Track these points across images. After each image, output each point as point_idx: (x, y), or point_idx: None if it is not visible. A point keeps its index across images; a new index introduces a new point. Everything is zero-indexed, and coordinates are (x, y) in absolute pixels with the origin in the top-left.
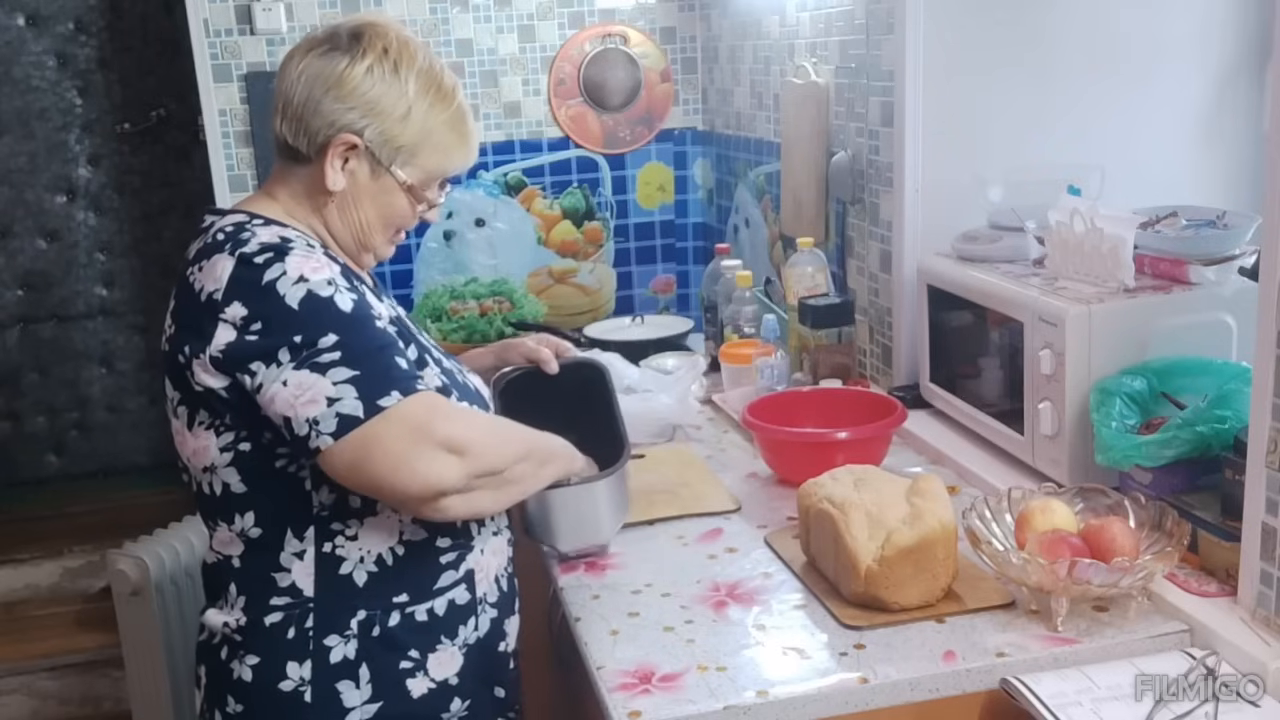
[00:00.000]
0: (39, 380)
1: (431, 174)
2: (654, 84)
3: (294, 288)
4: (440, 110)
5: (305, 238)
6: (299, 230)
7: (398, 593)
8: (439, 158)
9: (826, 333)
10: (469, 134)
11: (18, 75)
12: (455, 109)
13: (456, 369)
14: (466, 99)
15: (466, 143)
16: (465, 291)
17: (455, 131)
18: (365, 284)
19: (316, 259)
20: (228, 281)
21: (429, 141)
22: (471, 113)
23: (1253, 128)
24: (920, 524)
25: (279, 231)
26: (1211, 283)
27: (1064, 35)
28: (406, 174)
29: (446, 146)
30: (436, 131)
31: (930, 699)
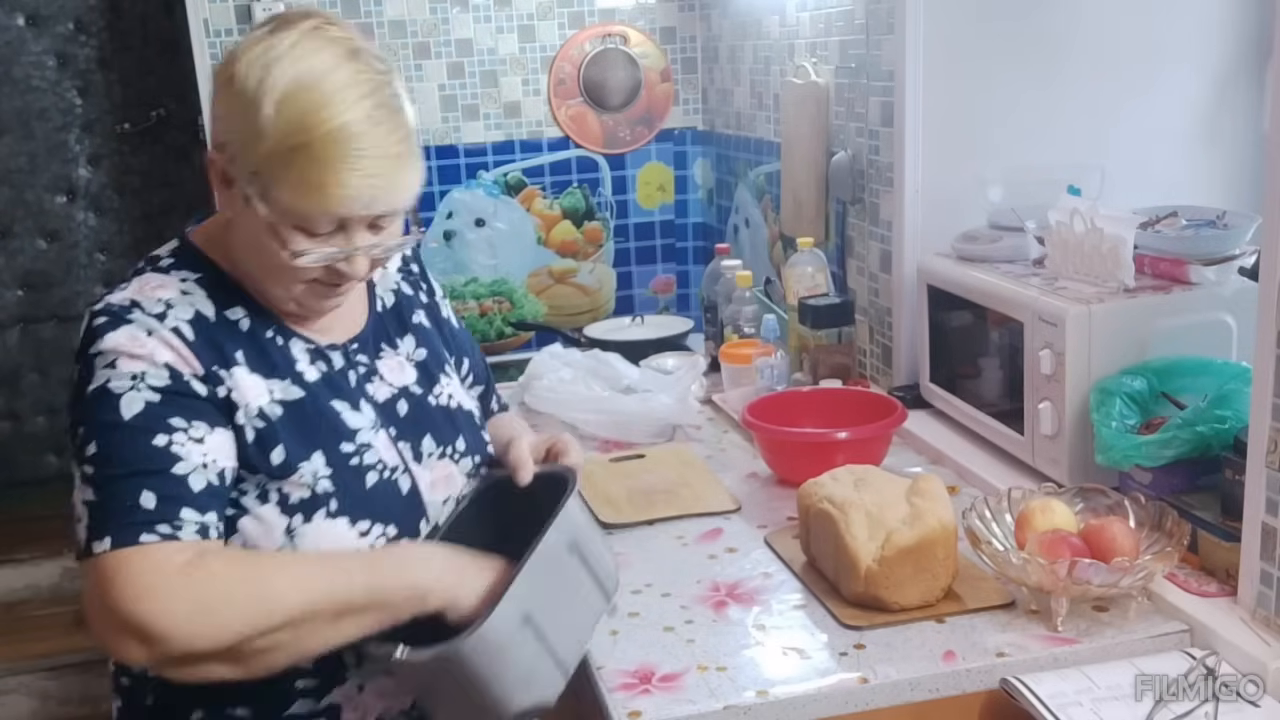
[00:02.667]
0: (39, 380)
1: (289, 214)
2: (654, 84)
3: (100, 371)
4: (299, 135)
5: (187, 289)
6: (210, 266)
7: (237, 703)
8: (293, 196)
9: (826, 333)
10: (337, 171)
11: (18, 75)
12: (323, 137)
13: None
14: (371, 124)
15: (329, 183)
16: (465, 291)
17: (316, 165)
18: (295, 338)
19: (142, 343)
20: (80, 335)
21: (285, 174)
22: (360, 144)
23: (1253, 128)
24: (920, 524)
25: (154, 285)
26: (1211, 283)
27: (1064, 35)
28: (263, 208)
29: (303, 184)
30: (295, 163)
31: (930, 699)
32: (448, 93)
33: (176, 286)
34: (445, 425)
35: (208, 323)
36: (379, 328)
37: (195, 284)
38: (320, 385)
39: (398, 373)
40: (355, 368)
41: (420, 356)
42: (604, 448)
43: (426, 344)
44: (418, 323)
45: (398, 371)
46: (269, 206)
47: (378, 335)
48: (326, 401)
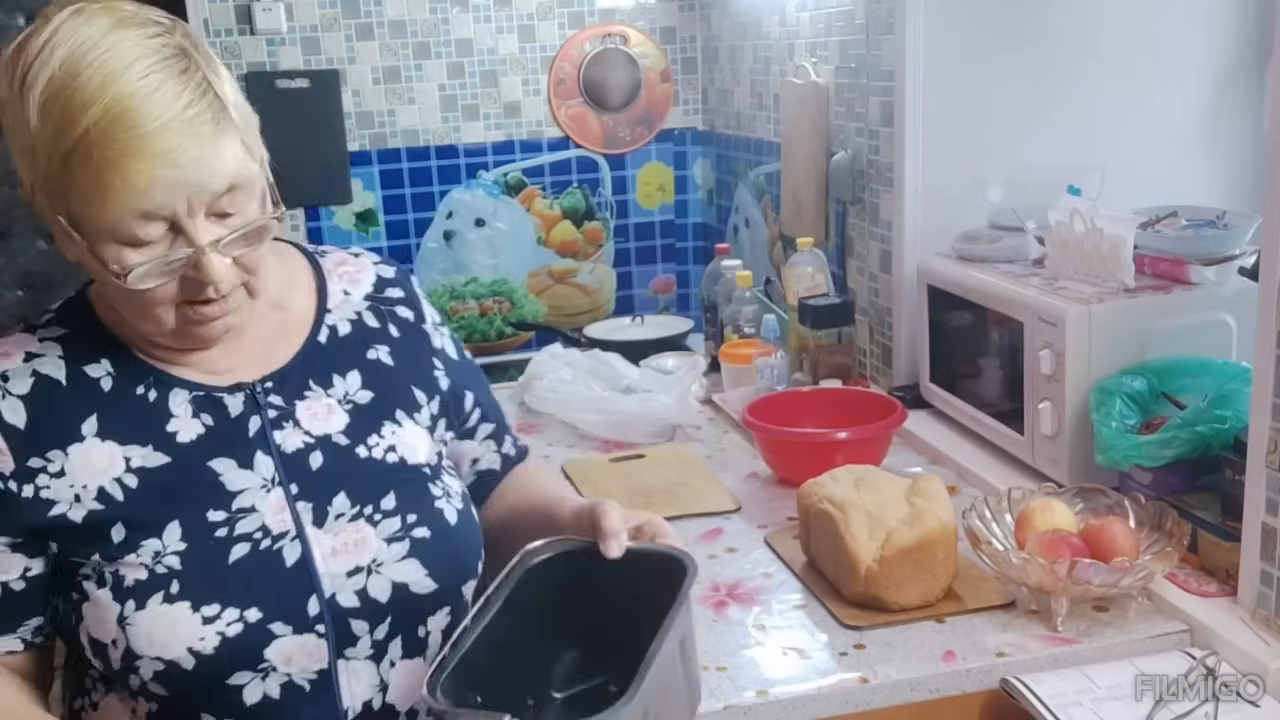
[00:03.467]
0: None
1: (98, 231)
2: (654, 84)
3: None
4: (65, 139)
5: (41, 351)
6: (89, 319)
7: None
8: (86, 209)
9: (826, 333)
10: (116, 164)
11: None
12: (89, 130)
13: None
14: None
15: (113, 181)
16: (465, 291)
17: (92, 166)
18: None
19: None
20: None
21: (71, 187)
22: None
23: (1253, 128)
24: (920, 524)
25: (16, 346)
26: (1211, 283)
27: (1064, 35)
28: (74, 233)
29: (90, 192)
30: (73, 172)
31: (930, 699)
32: (448, 93)
33: (27, 350)
34: (370, 481)
35: (52, 391)
36: (311, 362)
37: (56, 342)
38: (199, 443)
39: (321, 418)
40: (261, 412)
41: (362, 399)
42: (604, 448)
43: (378, 384)
44: (372, 359)
45: (321, 417)
46: (77, 229)
47: (306, 371)
48: (203, 461)
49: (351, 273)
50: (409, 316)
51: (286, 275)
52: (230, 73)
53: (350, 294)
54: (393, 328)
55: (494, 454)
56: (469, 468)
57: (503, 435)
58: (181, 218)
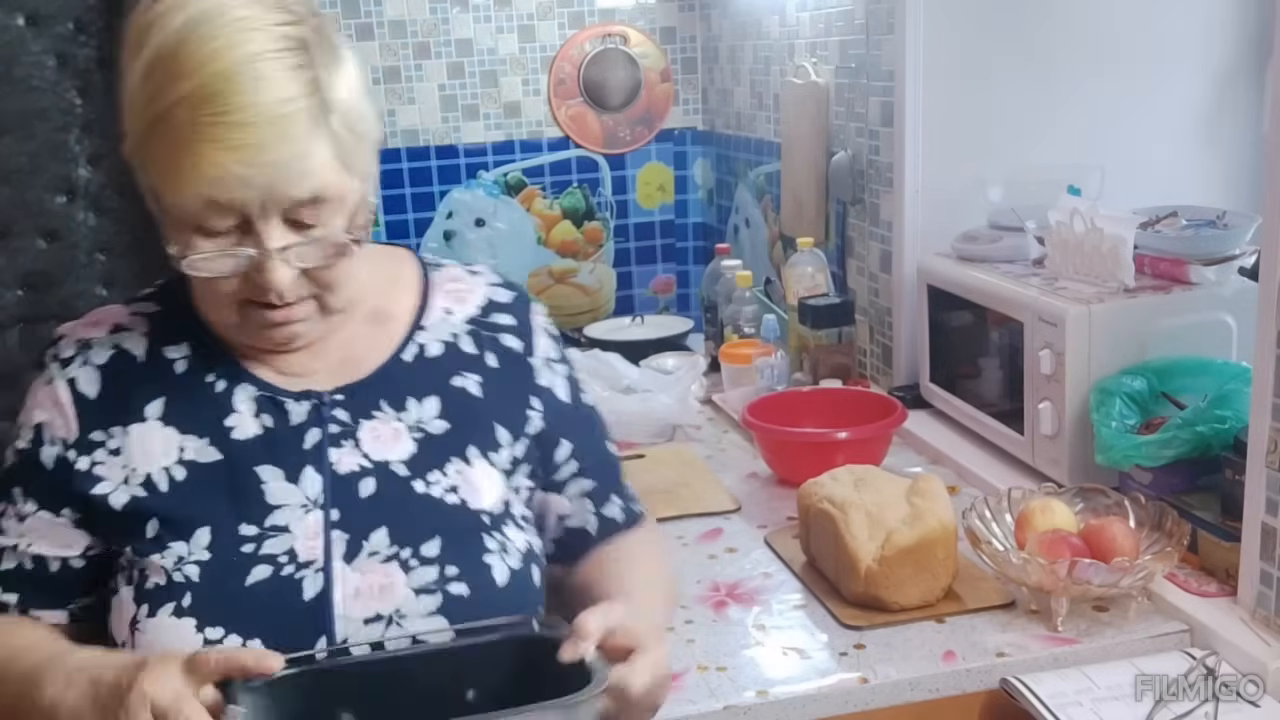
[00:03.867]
0: None
1: (171, 209)
2: (654, 84)
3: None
4: (156, 105)
5: (130, 325)
6: (183, 298)
7: None
8: (161, 183)
9: (826, 333)
10: (190, 143)
11: (18, 75)
12: (177, 102)
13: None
14: (241, 80)
15: (183, 161)
16: None
17: (170, 140)
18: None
19: (35, 392)
20: None
21: (152, 159)
22: (220, 107)
23: (1253, 128)
24: (920, 524)
25: (97, 319)
26: (1211, 283)
27: (1064, 35)
28: (155, 207)
29: (165, 167)
30: (155, 141)
31: (930, 699)
32: (448, 93)
33: (116, 322)
34: (418, 521)
35: (128, 367)
36: (388, 380)
37: (146, 318)
38: (253, 444)
39: (386, 443)
40: (323, 425)
41: (435, 428)
42: None
43: (456, 415)
44: (457, 387)
45: (387, 441)
46: (156, 201)
47: (381, 389)
48: (252, 465)
49: (460, 291)
50: (515, 347)
51: (391, 284)
52: (363, 85)
53: (452, 314)
54: (491, 356)
55: (590, 514)
56: (555, 523)
57: (606, 496)
58: (253, 216)
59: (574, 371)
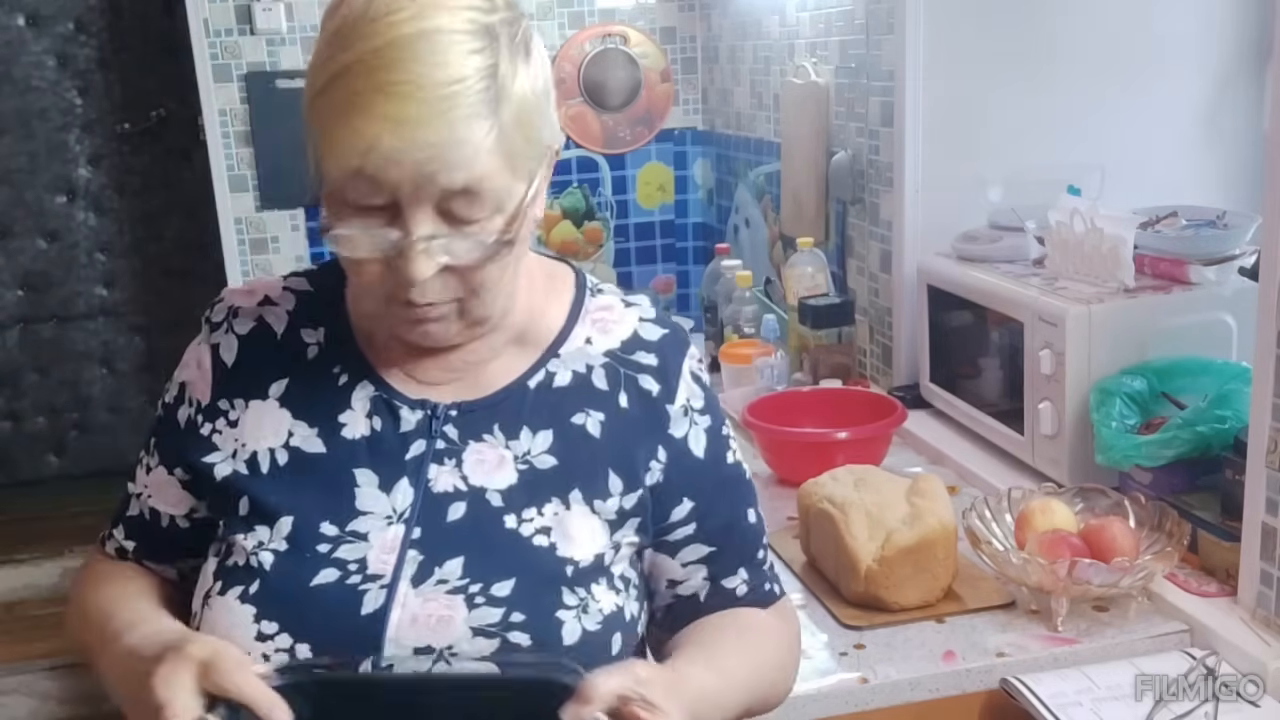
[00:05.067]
0: (39, 380)
1: (325, 179)
2: (654, 84)
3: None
4: (326, 72)
5: (279, 300)
6: (338, 281)
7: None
8: (322, 151)
9: (826, 333)
10: (349, 112)
11: (18, 75)
12: (343, 70)
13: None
14: (412, 56)
15: (341, 130)
16: None
17: (334, 108)
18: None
19: (189, 351)
20: None
21: (317, 125)
22: (385, 78)
23: (1253, 128)
24: (920, 524)
25: (255, 287)
26: (1211, 283)
27: (1064, 35)
28: (316, 165)
29: (326, 134)
30: (321, 108)
31: (930, 699)
32: None
33: (269, 293)
34: (498, 558)
35: (264, 342)
36: (507, 405)
37: (295, 295)
38: (358, 445)
39: (489, 469)
40: (432, 438)
41: (541, 463)
42: None
43: (568, 454)
44: (577, 424)
45: (490, 468)
46: (317, 171)
47: (498, 412)
48: (351, 467)
49: (607, 321)
50: (652, 389)
51: (544, 304)
52: (547, 92)
53: (592, 343)
54: (624, 397)
55: (704, 582)
56: (665, 588)
57: (732, 568)
58: (403, 199)
59: (724, 427)
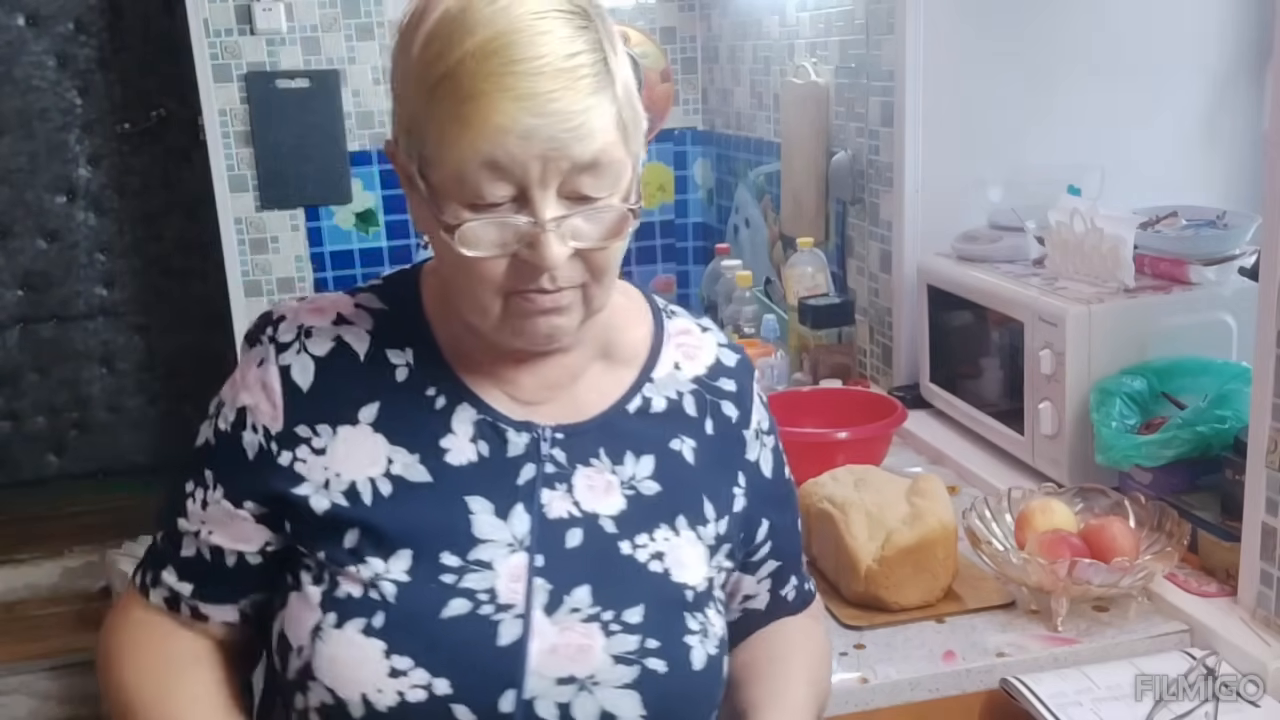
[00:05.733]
0: (39, 380)
1: (444, 177)
2: (654, 84)
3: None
4: (441, 64)
5: (354, 318)
6: (413, 296)
7: None
8: (439, 145)
9: (826, 333)
10: (477, 94)
11: (18, 75)
12: (464, 57)
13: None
14: (532, 33)
15: (470, 113)
16: None
17: (457, 95)
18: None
19: (247, 371)
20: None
21: (430, 120)
22: (511, 56)
23: (1253, 128)
24: (920, 524)
25: (321, 305)
26: (1211, 283)
27: (1064, 35)
28: (421, 184)
29: (446, 124)
30: (437, 100)
31: (930, 699)
32: None
33: (342, 311)
34: (624, 584)
35: (347, 363)
36: (610, 429)
37: (371, 314)
38: (466, 472)
39: (599, 494)
40: (541, 462)
41: (647, 489)
42: None
43: (669, 480)
44: (674, 450)
45: (599, 493)
46: (424, 177)
47: (603, 436)
48: (462, 494)
49: (691, 346)
50: (733, 416)
51: (625, 321)
52: (629, 62)
53: (680, 369)
54: (710, 423)
55: (767, 593)
56: (737, 604)
57: (787, 576)
58: (531, 184)
59: (779, 443)
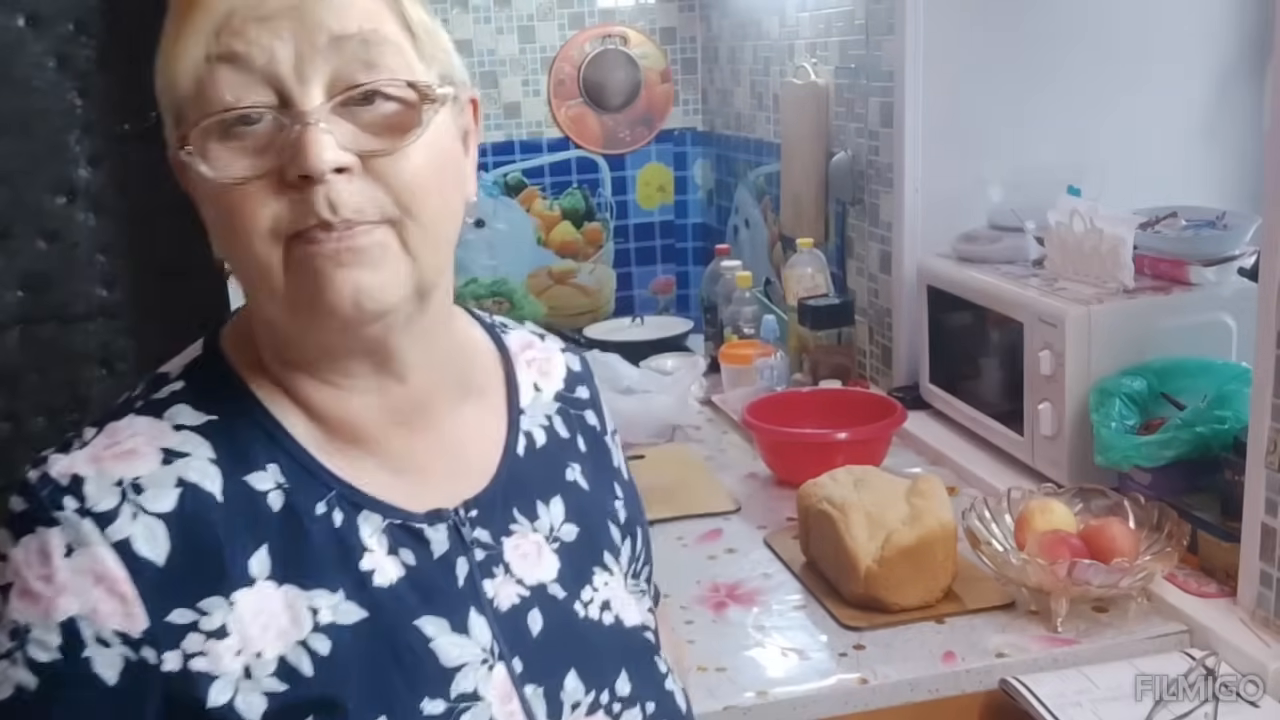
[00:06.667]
0: (39, 381)
1: (180, 96)
2: (654, 84)
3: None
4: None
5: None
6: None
7: None
8: (168, 62)
9: (826, 333)
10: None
11: (18, 76)
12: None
13: None
14: None
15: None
16: (465, 292)
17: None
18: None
19: (52, 573)
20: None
21: (161, 44)
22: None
23: (1253, 128)
24: (920, 524)
25: (126, 444)
26: (1211, 283)
27: (1064, 35)
28: (174, 129)
29: (170, 36)
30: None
31: (930, 699)
32: None
33: (163, 444)
34: (599, 654)
35: (206, 512)
36: (514, 483)
37: (199, 433)
38: (401, 591)
39: (532, 562)
40: (469, 551)
41: (568, 535)
42: None
43: (581, 517)
44: (570, 481)
45: (533, 561)
46: (177, 130)
47: (510, 495)
48: (409, 619)
49: (541, 361)
50: (596, 425)
51: (466, 345)
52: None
53: (541, 391)
54: (581, 440)
55: (650, 599)
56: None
57: (650, 575)
58: (283, 74)
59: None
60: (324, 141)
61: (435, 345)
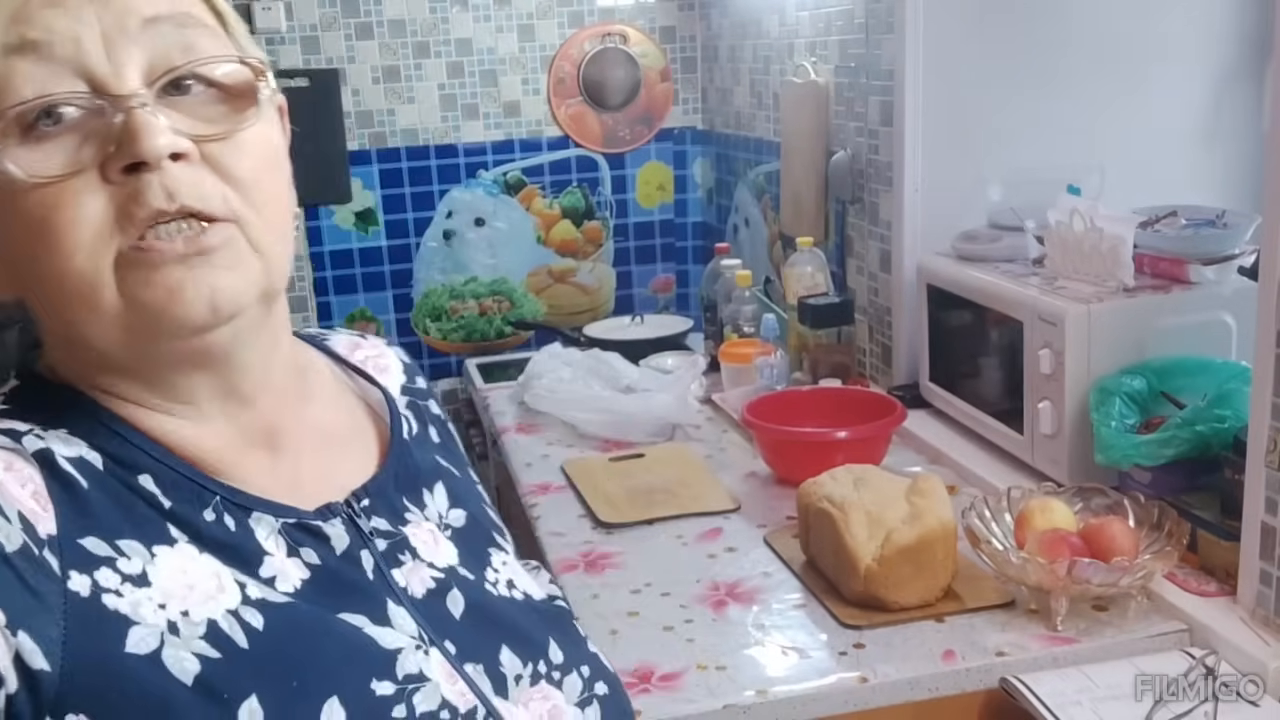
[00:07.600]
0: None
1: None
2: (654, 83)
3: None
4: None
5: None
6: (88, 407)
7: None
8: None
9: (826, 332)
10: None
11: None
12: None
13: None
14: None
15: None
16: (465, 291)
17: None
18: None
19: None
20: None
21: None
22: None
23: (1253, 128)
24: (920, 523)
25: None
26: (1211, 282)
27: (1064, 35)
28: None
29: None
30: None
31: (930, 698)
32: (447, 92)
33: (11, 447)
34: (523, 627)
35: (112, 485)
36: (403, 468)
37: (53, 441)
38: (311, 595)
39: (433, 547)
40: (369, 543)
41: (459, 521)
42: (604, 447)
43: (463, 503)
44: (446, 467)
45: (433, 546)
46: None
47: (401, 481)
48: (323, 618)
49: (374, 359)
50: (440, 413)
51: (302, 357)
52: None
53: (389, 390)
54: (434, 431)
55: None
56: None
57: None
58: (92, 62)
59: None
60: (156, 124)
61: (277, 358)
